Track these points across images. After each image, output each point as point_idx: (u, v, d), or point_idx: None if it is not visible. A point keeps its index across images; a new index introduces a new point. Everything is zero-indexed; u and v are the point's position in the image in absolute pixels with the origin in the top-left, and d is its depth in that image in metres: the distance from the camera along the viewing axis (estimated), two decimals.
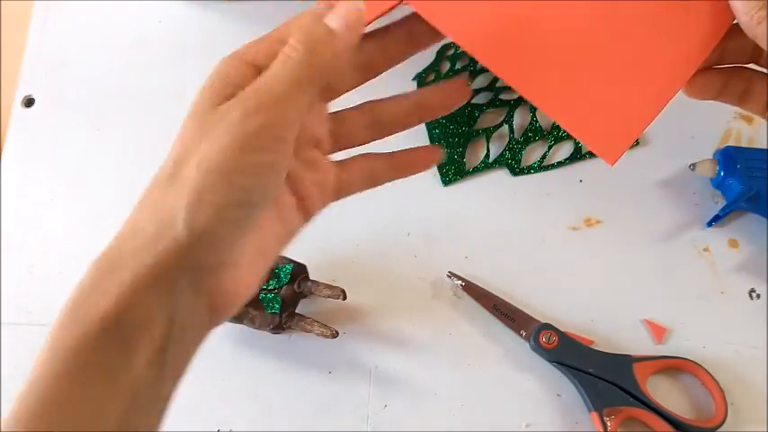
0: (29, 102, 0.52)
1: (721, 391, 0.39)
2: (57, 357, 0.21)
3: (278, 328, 0.40)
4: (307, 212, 0.26)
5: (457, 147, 0.47)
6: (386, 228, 0.45)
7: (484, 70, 0.49)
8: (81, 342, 0.21)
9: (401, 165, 0.29)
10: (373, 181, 0.29)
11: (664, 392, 0.40)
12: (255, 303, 0.39)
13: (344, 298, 0.40)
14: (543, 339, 0.40)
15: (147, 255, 0.21)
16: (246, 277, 0.24)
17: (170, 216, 0.21)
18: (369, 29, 0.28)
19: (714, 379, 0.39)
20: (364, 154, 0.29)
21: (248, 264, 0.23)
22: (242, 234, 0.22)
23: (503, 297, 0.42)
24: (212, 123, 0.22)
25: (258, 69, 0.23)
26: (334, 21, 0.24)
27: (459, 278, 0.43)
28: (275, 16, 0.54)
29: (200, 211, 0.21)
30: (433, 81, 0.49)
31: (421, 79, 0.49)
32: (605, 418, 0.38)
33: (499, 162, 0.47)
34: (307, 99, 0.23)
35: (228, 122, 0.21)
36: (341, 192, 0.28)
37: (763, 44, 0.26)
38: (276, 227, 0.25)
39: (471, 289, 0.43)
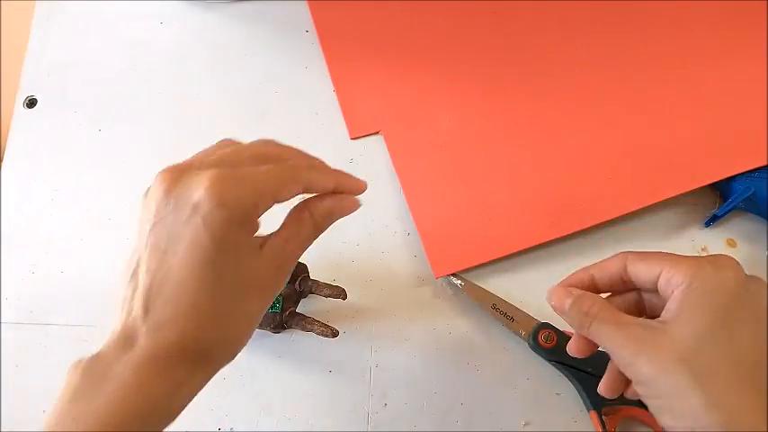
0: (31, 102, 0.52)
1: None
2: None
3: (278, 328, 0.40)
4: None
5: None
6: (386, 228, 0.46)
7: None
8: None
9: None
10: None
11: None
12: None
13: (345, 298, 0.40)
14: (542, 339, 0.40)
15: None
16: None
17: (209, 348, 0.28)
18: None
19: None
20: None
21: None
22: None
23: (502, 297, 0.43)
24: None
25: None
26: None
27: (459, 278, 0.43)
28: (275, 17, 0.55)
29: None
30: None
31: None
32: (604, 417, 0.38)
33: None
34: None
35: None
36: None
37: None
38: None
39: (471, 289, 0.43)
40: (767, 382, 0.27)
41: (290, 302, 0.40)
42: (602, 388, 0.33)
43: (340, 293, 0.40)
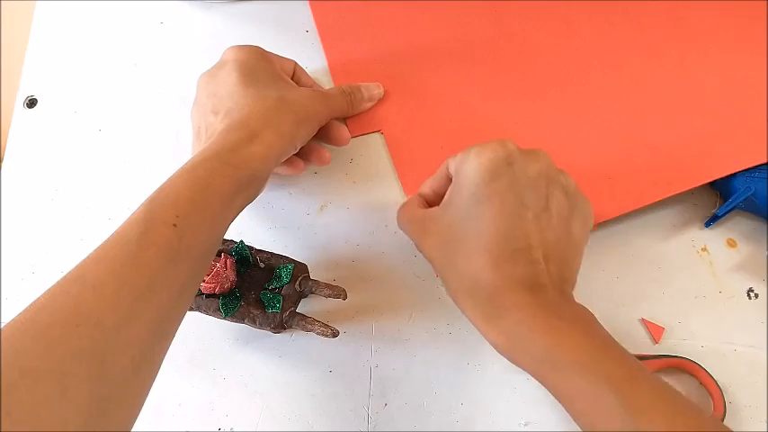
0: (31, 102, 0.52)
1: (719, 389, 0.39)
2: (209, 180, 0.34)
3: (279, 328, 0.40)
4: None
5: None
6: (386, 228, 0.46)
7: None
8: (233, 176, 0.35)
9: (306, 158, 0.46)
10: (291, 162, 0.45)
11: None
12: (257, 303, 0.40)
13: (345, 298, 0.40)
14: None
15: (274, 146, 0.37)
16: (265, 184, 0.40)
17: (287, 132, 0.39)
18: None
19: (712, 377, 0.39)
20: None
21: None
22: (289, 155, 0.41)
23: None
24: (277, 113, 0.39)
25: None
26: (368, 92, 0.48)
27: None
28: (276, 17, 0.55)
29: (298, 136, 0.40)
30: None
31: None
32: None
33: None
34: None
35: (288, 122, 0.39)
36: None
37: None
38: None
39: None
40: (516, 249, 0.32)
41: (290, 302, 0.40)
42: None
43: (340, 293, 0.40)
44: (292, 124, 0.39)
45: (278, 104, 0.39)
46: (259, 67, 0.41)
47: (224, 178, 0.34)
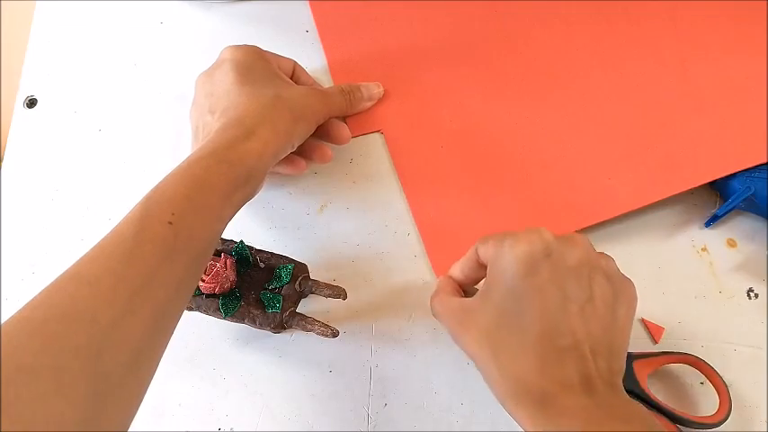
0: (31, 102, 0.52)
1: (725, 385, 0.39)
2: (205, 176, 0.34)
3: (279, 328, 0.40)
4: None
5: None
6: (386, 228, 0.46)
7: None
8: (229, 173, 0.35)
9: (306, 155, 0.45)
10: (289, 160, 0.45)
11: (663, 389, 0.40)
12: (257, 303, 0.40)
13: (345, 297, 0.40)
14: None
15: (271, 144, 0.37)
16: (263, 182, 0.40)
17: (284, 130, 0.39)
18: None
19: (717, 373, 0.39)
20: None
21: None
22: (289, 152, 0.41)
23: None
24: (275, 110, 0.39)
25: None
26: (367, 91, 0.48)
27: None
28: (275, 17, 0.55)
29: (295, 134, 0.40)
30: None
31: None
32: None
33: None
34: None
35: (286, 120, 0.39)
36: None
37: None
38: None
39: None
40: (561, 348, 0.30)
41: (290, 302, 0.40)
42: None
43: (340, 293, 0.40)
44: (289, 122, 0.39)
45: (274, 102, 0.39)
46: (256, 65, 0.41)
47: (220, 176, 0.34)
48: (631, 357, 0.40)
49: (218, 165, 0.34)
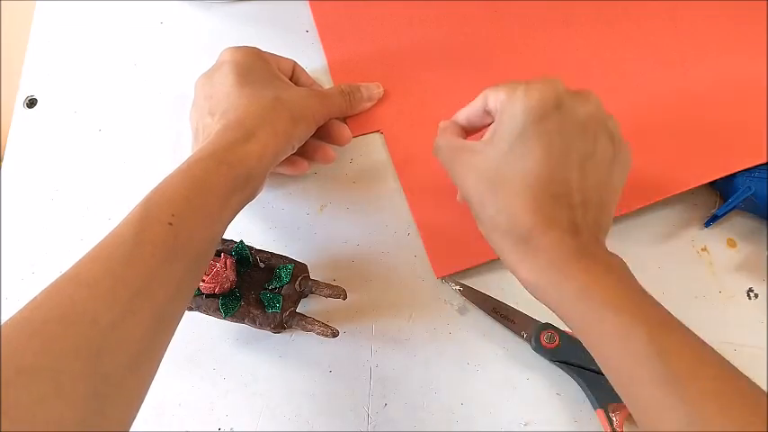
0: (31, 102, 0.52)
1: None
2: (205, 178, 0.34)
3: (279, 328, 0.40)
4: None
5: None
6: (386, 228, 0.46)
7: None
8: (229, 175, 0.35)
9: (308, 155, 0.46)
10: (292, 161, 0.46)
11: None
12: (257, 303, 0.40)
13: (345, 298, 0.40)
14: (544, 339, 0.40)
15: (270, 145, 0.37)
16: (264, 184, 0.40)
17: (283, 131, 0.39)
18: None
19: None
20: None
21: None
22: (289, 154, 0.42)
23: (502, 297, 0.43)
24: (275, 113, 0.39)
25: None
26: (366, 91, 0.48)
27: (458, 283, 0.43)
28: (276, 17, 0.55)
29: (295, 135, 0.40)
30: None
31: None
32: (611, 415, 0.38)
33: None
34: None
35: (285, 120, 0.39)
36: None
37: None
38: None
39: (470, 293, 0.43)
40: (558, 193, 0.32)
41: (290, 302, 0.40)
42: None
43: (340, 293, 0.40)
44: (289, 123, 0.39)
45: (274, 104, 0.39)
46: (255, 67, 0.41)
47: (220, 177, 0.34)
48: None
49: (218, 166, 0.34)
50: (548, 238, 0.31)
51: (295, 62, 0.47)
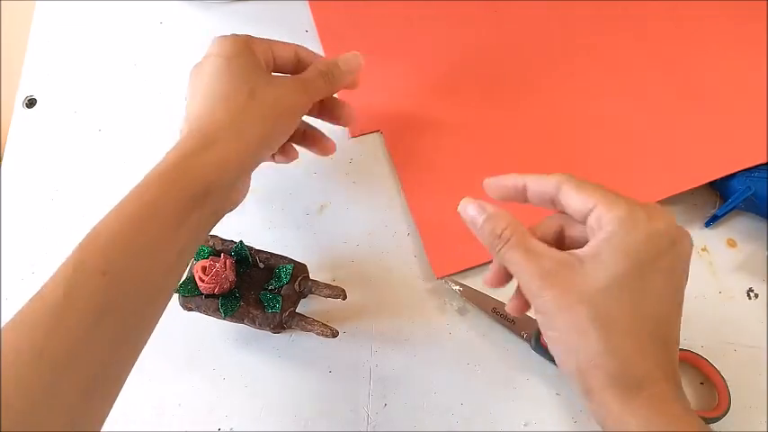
0: (31, 102, 0.52)
1: (725, 382, 0.39)
2: (152, 201, 0.31)
3: (278, 328, 0.40)
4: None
5: None
6: (386, 228, 0.46)
7: None
8: (178, 193, 0.31)
9: (305, 146, 0.44)
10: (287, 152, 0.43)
11: None
12: (256, 303, 0.40)
13: (344, 298, 0.40)
14: (544, 339, 0.40)
15: (239, 151, 0.34)
16: (249, 182, 0.38)
17: (255, 134, 0.35)
18: None
19: (716, 368, 0.39)
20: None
21: (250, 177, 0.38)
22: (269, 155, 0.39)
23: (502, 298, 0.42)
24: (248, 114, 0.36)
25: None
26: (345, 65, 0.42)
27: (458, 283, 0.43)
28: (275, 17, 0.55)
29: (273, 137, 0.37)
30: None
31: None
32: None
33: None
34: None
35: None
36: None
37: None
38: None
39: (470, 294, 0.43)
40: (666, 337, 0.28)
41: (289, 303, 0.40)
42: (510, 307, 0.33)
43: (340, 294, 0.40)
44: (262, 123, 0.35)
45: (245, 105, 0.35)
46: (237, 61, 0.37)
47: (168, 201, 0.31)
48: None
49: (168, 188, 0.31)
50: (660, 386, 0.27)
51: (297, 46, 0.42)
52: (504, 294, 0.43)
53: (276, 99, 0.37)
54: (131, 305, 0.29)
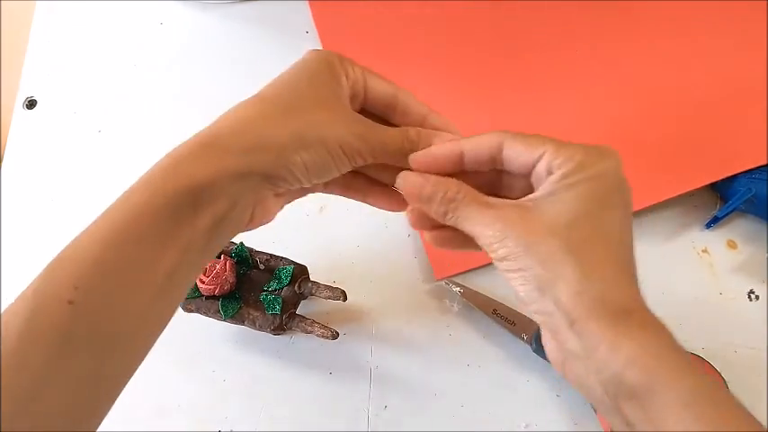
0: (31, 103, 0.52)
1: (724, 381, 0.39)
2: (132, 210, 0.27)
3: (278, 329, 0.40)
4: (305, 192, 0.35)
5: None
6: (386, 228, 0.46)
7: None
8: (160, 201, 0.27)
9: (375, 196, 0.36)
10: (346, 192, 0.36)
11: None
12: (256, 304, 0.39)
13: (345, 299, 0.40)
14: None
15: (242, 155, 0.28)
16: (272, 210, 0.32)
17: (271, 144, 0.29)
18: None
19: (716, 370, 0.39)
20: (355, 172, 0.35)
21: (276, 205, 0.32)
22: (295, 184, 0.31)
23: (502, 299, 0.42)
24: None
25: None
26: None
27: (458, 285, 0.43)
28: (275, 18, 0.55)
29: (291, 158, 0.29)
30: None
31: None
32: None
33: None
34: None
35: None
36: (325, 189, 0.36)
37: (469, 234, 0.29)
38: (292, 195, 0.34)
39: (470, 295, 0.43)
40: (632, 258, 0.28)
41: (289, 304, 0.39)
42: (411, 218, 0.33)
43: (340, 295, 0.40)
44: (287, 139, 0.29)
45: (276, 115, 0.30)
46: (306, 74, 0.33)
47: (150, 214, 0.26)
48: None
49: (149, 196, 0.27)
50: (646, 314, 0.27)
51: (402, 90, 0.36)
52: (505, 295, 0.43)
53: (316, 123, 0.30)
54: (104, 338, 0.25)
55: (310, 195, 0.47)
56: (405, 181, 0.31)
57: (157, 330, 0.28)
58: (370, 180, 0.35)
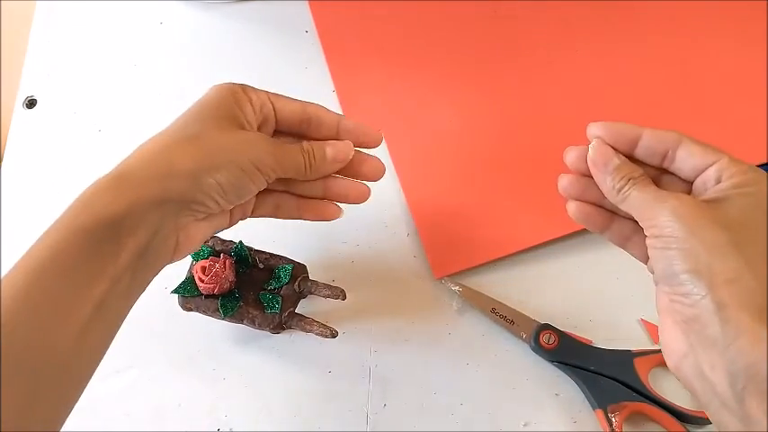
0: (31, 102, 0.52)
1: None
2: (54, 247, 0.27)
3: (278, 328, 0.40)
4: (231, 220, 0.36)
5: None
6: (386, 228, 0.46)
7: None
8: (80, 235, 0.27)
9: (306, 211, 0.38)
10: (277, 214, 0.38)
11: (665, 385, 0.40)
12: (256, 303, 0.40)
13: (344, 298, 0.40)
14: (543, 340, 0.40)
15: (155, 183, 0.29)
16: (197, 237, 0.32)
17: (183, 170, 0.30)
18: None
19: None
20: (281, 192, 0.38)
21: (200, 232, 0.33)
22: (214, 207, 0.32)
23: (501, 298, 0.42)
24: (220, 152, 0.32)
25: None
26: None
27: (457, 283, 0.43)
28: (275, 18, 0.55)
29: (205, 181, 0.30)
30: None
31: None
32: (610, 415, 0.38)
33: None
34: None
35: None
36: (253, 214, 0.37)
37: (629, 212, 0.31)
38: (216, 221, 0.34)
39: (469, 294, 0.43)
40: None
41: (289, 303, 0.40)
42: (564, 182, 0.34)
43: (339, 294, 0.40)
44: (195, 163, 0.31)
45: (185, 141, 0.32)
46: (209, 105, 0.35)
47: (71, 246, 0.27)
48: (632, 354, 0.40)
49: (69, 226, 0.28)
50: None
51: (310, 104, 0.37)
52: (505, 295, 0.43)
53: (225, 147, 0.32)
54: (32, 371, 0.24)
55: None
56: (597, 146, 0.32)
57: (93, 360, 0.28)
58: (299, 198, 0.38)
